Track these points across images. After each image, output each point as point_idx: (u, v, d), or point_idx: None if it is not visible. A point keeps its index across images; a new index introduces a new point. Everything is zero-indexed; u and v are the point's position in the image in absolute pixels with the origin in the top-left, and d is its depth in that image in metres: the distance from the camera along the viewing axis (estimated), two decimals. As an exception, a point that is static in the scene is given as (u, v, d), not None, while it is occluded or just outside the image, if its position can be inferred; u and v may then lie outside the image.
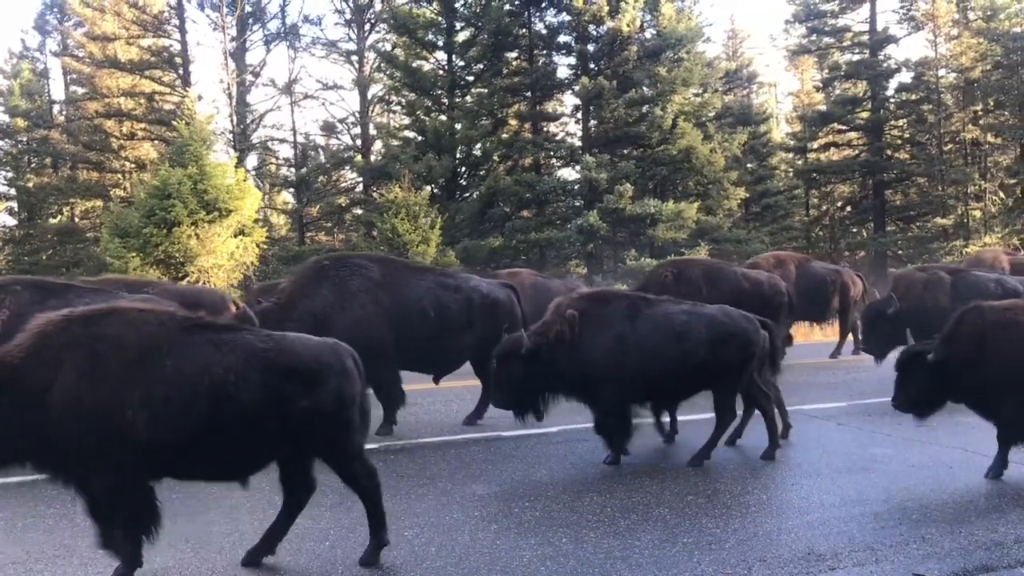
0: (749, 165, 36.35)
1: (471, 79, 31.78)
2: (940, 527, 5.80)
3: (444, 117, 30.99)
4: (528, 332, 7.49)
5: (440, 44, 31.62)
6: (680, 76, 28.86)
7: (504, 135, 31.66)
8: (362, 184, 36.51)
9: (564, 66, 32.01)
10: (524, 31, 30.91)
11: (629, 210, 26.93)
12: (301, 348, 4.92)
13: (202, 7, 34.58)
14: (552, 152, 31.42)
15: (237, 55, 34.89)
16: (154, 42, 35.18)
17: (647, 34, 30.29)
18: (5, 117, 37.71)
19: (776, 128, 42.50)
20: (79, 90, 38.00)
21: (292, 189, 38.16)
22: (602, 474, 7.40)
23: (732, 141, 30.69)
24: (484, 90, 31.29)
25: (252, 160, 37.20)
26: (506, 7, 29.91)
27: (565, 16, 30.06)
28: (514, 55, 31.91)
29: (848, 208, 38.98)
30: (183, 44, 34.42)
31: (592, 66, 30.39)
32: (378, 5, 35.63)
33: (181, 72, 34.37)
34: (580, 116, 31.61)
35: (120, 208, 25.12)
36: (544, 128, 32.42)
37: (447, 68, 31.74)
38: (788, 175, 38.22)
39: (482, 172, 31.84)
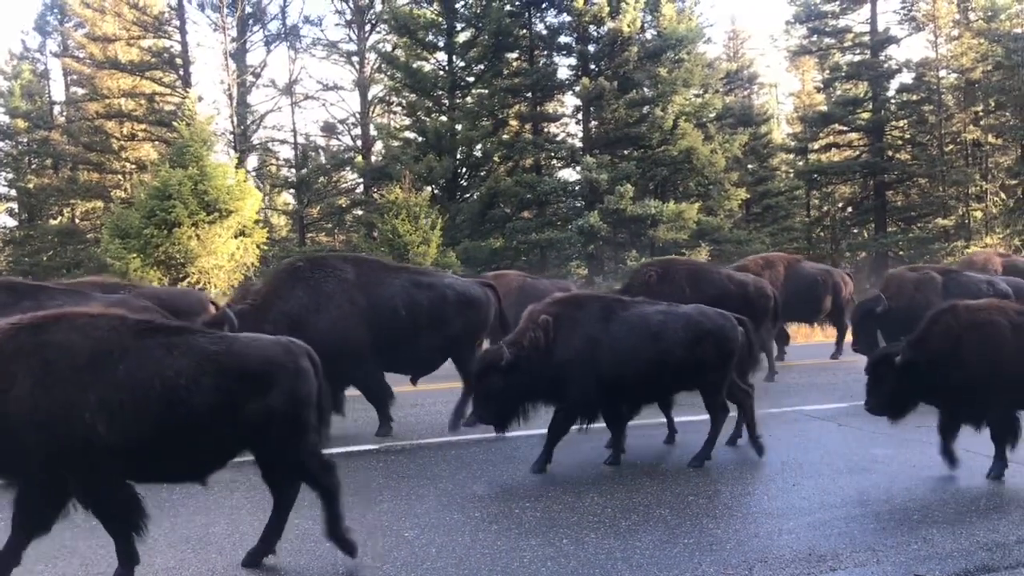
0: (750, 166, 36.38)
1: (472, 80, 31.82)
2: (941, 528, 5.79)
3: (445, 118, 31.01)
4: (504, 343, 7.43)
5: (441, 45, 31.66)
6: (681, 77, 28.90)
7: (505, 136, 31.72)
8: (362, 185, 36.55)
9: (565, 67, 32.14)
10: (524, 32, 30.94)
11: (630, 211, 26.94)
12: (253, 349, 4.88)
13: (202, 8, 34.73)
14: (553, 153, 31.41)
15: (237, 56, 34.95)
16: (154, 43, 35.25)
17: (648, 35, 30.35)
18: (5, 118, 37.75)
19: (777, 129, 42.52)
20: (79, 91, 38.06)
21: (292, 190, 38.20)
22: (603, 475, 7.39)
23: (733, 142, 30.70)
24: (485, 91, 31.34)
25: (253, 161, 37.34)
26: (506, 8, 29.97)
27: (566, 17, 30.13)
28: (515, 56, 31.94)
29: (849, 209, 38.96)
30: (183, 45, 34.49)
31: (593, 67, 30.43)
32: (378, 6, 35.68)
33: (181, 73, 34.41)
34: (581, 117, 31.66)
35: (121, 209, 25.11)
36: (545, 129, 32.41)
37: (448, 69, 31.77)
38: (789, 176, 38.24)
39: (483, 173, 31.89)
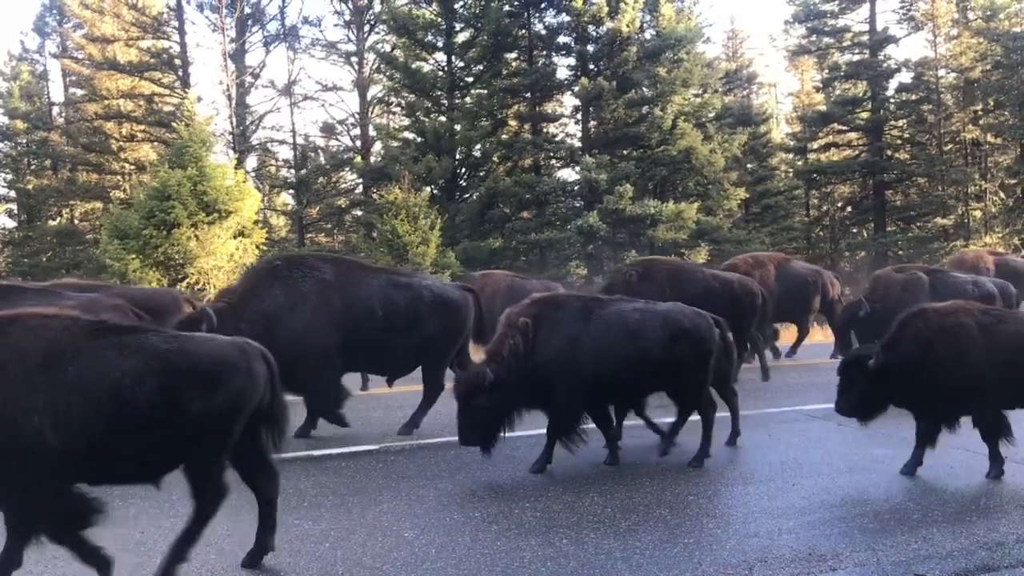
0: (749, 165, 36.39)
1: (471, 80, 31.82)
2: (941, 527, 5.79)
3: (444, 118, 31.00)
4: (484, 358, 7.39)
5: (440, 45, 31.65)
6: (680, 77, 28.90)
7: (504, 136, 31.70)
8: (362, 185, 36.52)
9: (564, 67, 32.16)
10: (523, 32, 30.95)
11: (629, 211, 26.93)
12: (204, 349, 4.83)
13: (201, 9, 34.65)
14: (552, 153, 31.42)
15: (236, 57, 34.91)
16: (153, 44, 35.20)
17: (647, 35, 30.34)
18: (4, 119, 37.77)
19: (776, 128, 42.56)
20: (78, 92, 38.02)
21: (292, 190, 38.17)
22: (602, 475, 7.39)
23: (732, 141, 30.71)
24: (484, 91, 31.34)
25: (252, 161, 37.27)
26: (505, 8, 29.97)
27: (564, 17, 30.13)
28: (513, 56, 31.96)
29: (848, 208, 38.97)
30: (182, 46, 34.44)
31: (592, 67, 30.44)
32: (377, 6, 35.63)
33: (180, 74, 34.36)
34: (580, 117, 31.67)
35: (120, 210, 25.05)
36: (544, 129, 32.42)
37: (447, 69, 31.76)
38: (788, 175, 38.23)
39: (482, 173, 31.88)
